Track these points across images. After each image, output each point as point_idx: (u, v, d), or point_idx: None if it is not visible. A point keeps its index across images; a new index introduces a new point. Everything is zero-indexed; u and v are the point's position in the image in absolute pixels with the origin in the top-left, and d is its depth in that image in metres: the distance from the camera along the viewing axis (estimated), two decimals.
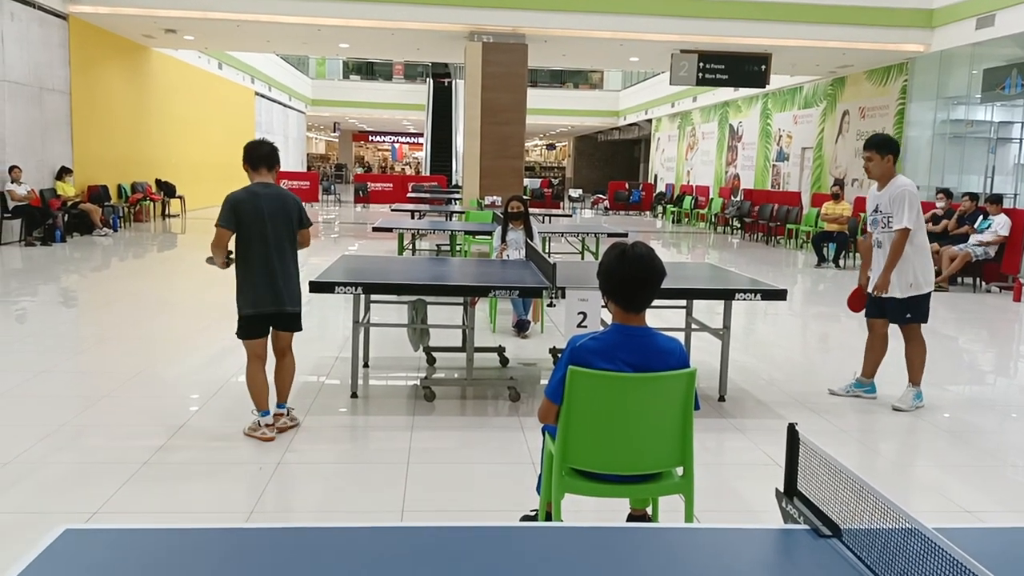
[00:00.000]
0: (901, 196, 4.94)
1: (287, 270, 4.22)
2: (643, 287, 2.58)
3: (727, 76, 15.12)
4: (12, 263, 10.71)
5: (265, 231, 4.10)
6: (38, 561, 1.51)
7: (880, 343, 5.37)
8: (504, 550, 1.69)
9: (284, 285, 4.20)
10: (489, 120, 14.62)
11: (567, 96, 34.62)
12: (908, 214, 4.91)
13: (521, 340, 6.89)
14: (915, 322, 5.11)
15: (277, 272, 4.16)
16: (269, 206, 4.11)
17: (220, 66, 22.37)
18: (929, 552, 1.49)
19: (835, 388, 5.54)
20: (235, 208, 4.09)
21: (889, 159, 5.04)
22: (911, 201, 4.93)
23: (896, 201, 4.95)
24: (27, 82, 12.90)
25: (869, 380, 5.44)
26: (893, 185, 5.03)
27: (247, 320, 4.21)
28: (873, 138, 5.14)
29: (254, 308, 4.18)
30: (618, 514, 3.15)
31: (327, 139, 53.57)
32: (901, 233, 4.93)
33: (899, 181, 5.03)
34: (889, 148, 5.05)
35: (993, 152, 13.55)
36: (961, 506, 3.78)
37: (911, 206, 4.92)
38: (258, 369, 4.25)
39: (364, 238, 15.44)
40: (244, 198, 4.10)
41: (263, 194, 4.13)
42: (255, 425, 4.27)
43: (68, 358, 5.96)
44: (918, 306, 5.08)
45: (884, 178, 5.09)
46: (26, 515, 3.33)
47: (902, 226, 4.92)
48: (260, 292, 4.16)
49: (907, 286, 5.03)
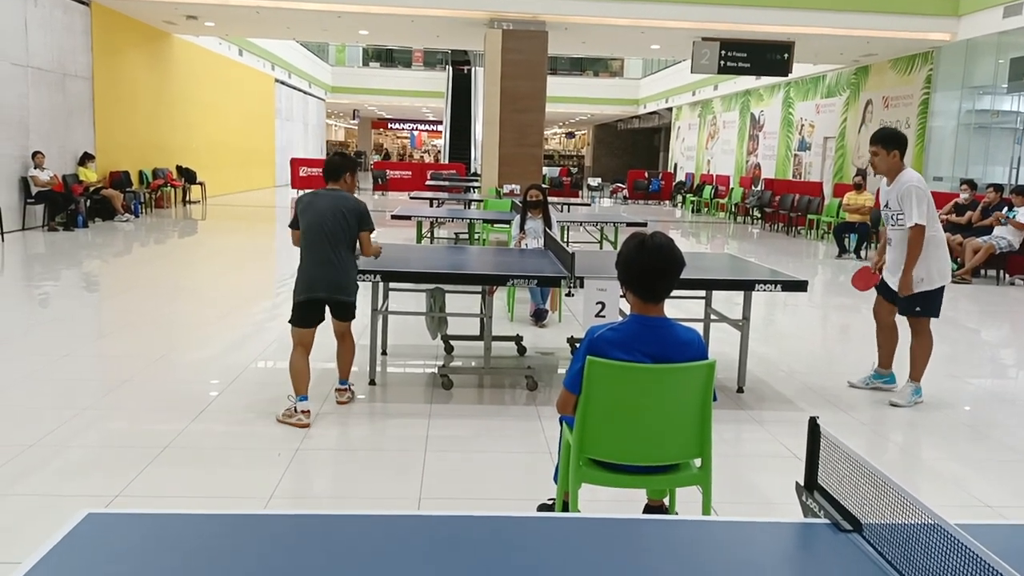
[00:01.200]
0: (908, 193, 4.83)
1: (342, 263, 4.41)
2: (662, 277, 2.56)
3: (749, 64, 14.97)
4: (35, 248, 10.82)
5: (323, 226, 4.36)
6: (61, 545, 1.53)
7: (890, 333, 5.34)
8: (521, 540, 1.69)
9: (335, 275, 4.40)
10: (508, 108, 14.56)
11: (587, 84, 34.43)
12: (917, 210, 4.80)
13: (539, 329, 6.88)
14: (925, 316, 5.02)
15: (332, 262, 4.37)
16: (326, 204, 4.41)
17: (240, 52, 22.44)
18: (951, 548, 1.47)
19: (855, 380, 5.50)
20: (297, 206, 4.47)
21: (895, 154, 4.93)
22: (919, 196, 4.81)
23: (904, 198, 4.85)
24: (50, 68, 13.00)
25: (888, 371, 5.40)
26: (899, 182, 4.92)
27: (298, 306, 4.42)
28: (879, 132, 5.05)
29: (306, 294, 4.38)
30: (635, 505, 3.15)
31: (346, 126, 53.66)
32: (916, 231, 4.82)
33: (905, 177, 4.91)
34: (896, 143, 4.93)
35: (1019, 143, 13.34)
36: (982, 501, 3.74)
37: (919, 201, 4.81)
38: (301, 356, 4.42)
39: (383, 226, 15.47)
40: (305, 198, 4.48)
41: (323, 194, 4.46)
42: (290, 411, 4.35)
43: (90, 342, 6.03)
44: (929, 300, 4.99)
45: (891, 173, 4.99)
46: (49, 498, 3.37)
47: (913, 223, 4.81)
48: (313, 279, 4.37)
49: (919, 281, 4.94)
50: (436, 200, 14.13)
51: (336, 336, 4.68)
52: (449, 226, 13.21)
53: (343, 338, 4.68)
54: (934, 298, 4.99)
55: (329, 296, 4.43)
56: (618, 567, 1.57)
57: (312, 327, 4.46)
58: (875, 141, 4.99)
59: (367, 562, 1.55)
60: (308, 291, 4.39)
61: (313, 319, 4.45)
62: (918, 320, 5.05)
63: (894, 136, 4.99)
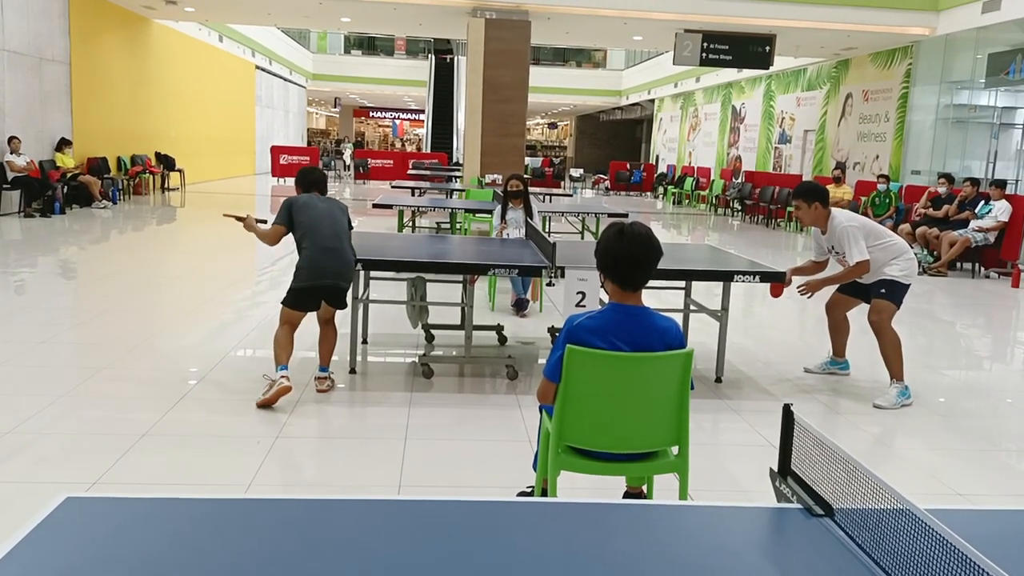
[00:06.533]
0: (844, 234, 4.96)
1: (348, 253, 4.62)
2: (640, 265, 2.59)
3: (731, 57, 15.02)
4: (11, 234, 10.69)
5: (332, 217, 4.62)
6: (39, 528, 1.53)
7: (841, 324, 5.48)
8: (499, 524, 1.71)
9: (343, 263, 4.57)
10: (491, 98, 14.53)
11: (570, 75, 34.39)
12: (856, 248, 4.92)
13: (520, 319, 6.90)
14: (888, 299, 5.04)
15: (340, 251, 4.57)
16: (324, 203, 4.69)
17: (221, 39, 22.21)
18: (920, 532, 1.51)
19: (810, 366, 5.63)
20: (292, 206, 4.59)
21: (816, 206, 5.04)
22: (854, 236, 4.94)
23: (842, 240, 4.98)
24: (26, 52, 12.81)
25: (842, 358, 5.56)
26: (833, 228, 5.05)
27: (299, 291, 4.53)
28: (798, 187, 5.19)
29: (312, 280, 4.50)
30: (613, 492, 3.18)
31: (328, 114, 53.31)
32: (860, 266, 4.95)
33: (836, 222, 5.03)
34: (814, 196, 5.05)
35: (996, 137, 13.50)
36: (953, 489, 3.81)
37: (856, 240, 4.93)
38: (288, 332, 4.54)
39: (364, 214, 15.42)
40: (301, 199, 4.65)
41: (316, 197, 4.73)
42: (268, 384, 4.40)
43: (67, 330, 5.98)
44: (895, 288, 5.06)
45: (820, 222, 5.12)
46: (26, 484, 3.35)
47: (855, 261, 4.94)
48: (323, 267, 4.51)
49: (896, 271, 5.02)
50: (418, 189, 14.09)
51: (321, 322, 4.75)
52: (431, 215, 13.19)
53: (328, 324, 4.75)
54: (900, 289, 5.07)
55: (335, 283, 4.56)
56: (595, 550, 1.59)
57: (304, 312, 4.59)
58: (796, 196, 5.14)
59: (347, 546, 1.57)
60: (315, 278, 4.51)
61: (311, 304, 4.59)
62: (879, 317, 5.05)
63: (811, 189, 5.10)
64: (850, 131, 17.23)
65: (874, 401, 5.04)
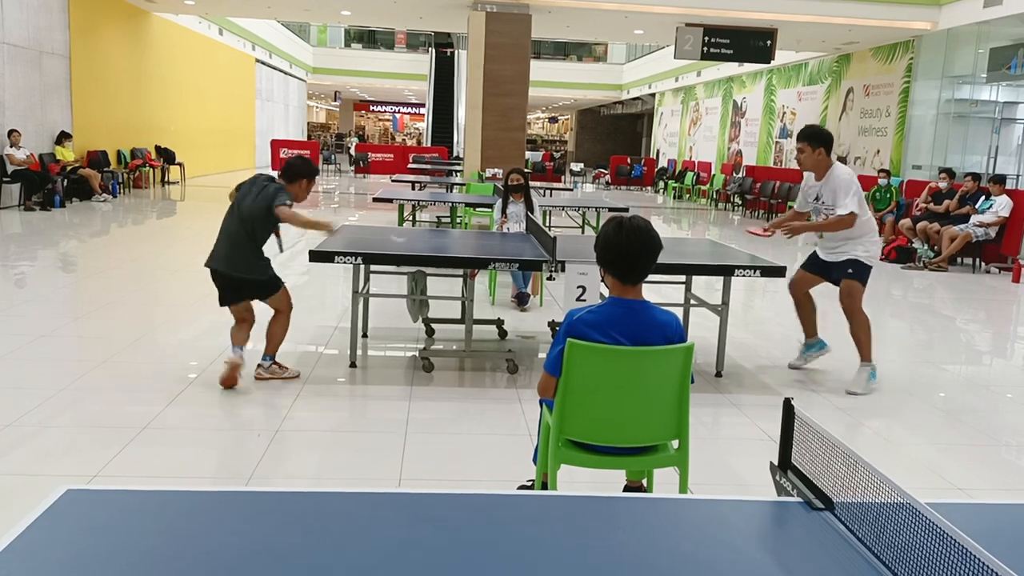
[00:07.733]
0: (843, 184, 4.93)
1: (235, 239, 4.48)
2: (639, 259, 2.59)
3: (732, 51, 14.98)
4: (11, 227, 10.69)
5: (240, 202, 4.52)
6: (41, 520, 1.53)
7: (806, 302, 5.47)
8: (500, 517, 1.71)
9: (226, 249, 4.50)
10: (491, 91, 14.50)
11: (570, 69, 34.31)
12: (850, 199, 4.90)
13: (520, 313, 6.90)
14: (857, 279, 5.07)
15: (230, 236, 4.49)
16: (249, 186, 4.57)
17: (221, 32, 22.16)
18: (919, 526, 1.51)
19: (794, 362, 5.62)
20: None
21: (821, 151, 5.02)
22: (854, 189, 4.93)
23: (839, 192, 4.95)
24: (26, 45, 12.79)
25: (816, 339, 5.56)
26: (832, 177, 5.01)
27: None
28: (805, 130, 5.14)
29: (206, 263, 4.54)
30: (613, 486, 3.18)
31: (328, 108, 53.21)
32: (849, 217, 4.91)
33: (837, 172, 5.01)
34: (821, 140, 5.02)
35: (997, 132, 13.48)
36: (953, 483, 3.81)
37: (852, 193, 4.91)
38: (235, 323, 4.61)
39: (364, 208, 15.41)
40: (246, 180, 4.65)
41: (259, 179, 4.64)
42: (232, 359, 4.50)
43: (68, 323, 5.98)
44: (861, 268, 5.08)
45: (819, 169, 5.09)
46: (26, 477, 3.36)
47: (848, 211, 4.90)
48: (212, 251, 4.53)
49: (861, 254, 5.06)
50: (418, 183, 14.08)
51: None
52: (431, 209, 13.17)
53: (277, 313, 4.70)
54: (866, 270, 5.10)
55: (221, 268, 4.53)
56: (595, 543, 1.59)
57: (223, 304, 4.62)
58: (802, 138, 5.09)
59: (347, 538, 1.57)
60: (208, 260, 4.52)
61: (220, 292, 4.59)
62: (850, 296, 5.08)
63: (819, 133, 5.08)
64: (851, 126, 17.20)
65: (847, 388, 5.10)
